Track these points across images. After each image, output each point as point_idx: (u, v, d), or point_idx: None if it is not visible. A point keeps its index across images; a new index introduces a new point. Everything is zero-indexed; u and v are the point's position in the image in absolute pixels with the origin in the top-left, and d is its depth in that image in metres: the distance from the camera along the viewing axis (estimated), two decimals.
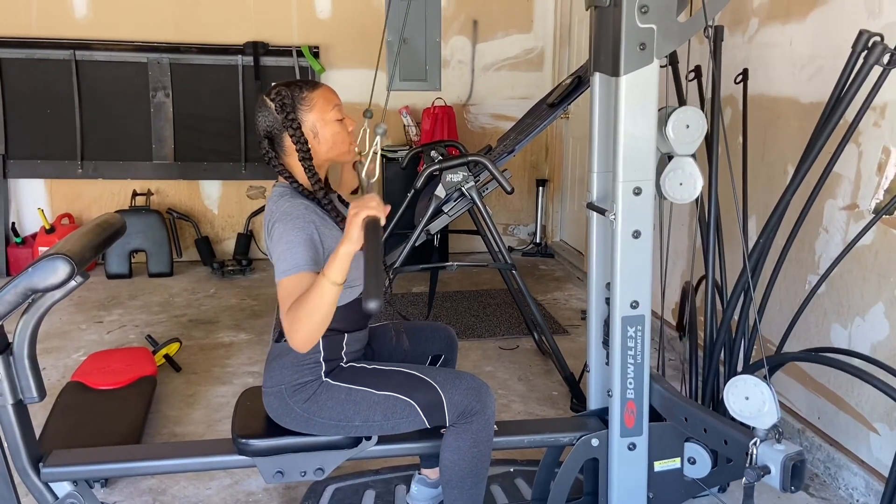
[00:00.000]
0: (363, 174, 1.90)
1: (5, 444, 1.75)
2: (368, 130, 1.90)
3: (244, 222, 5.15)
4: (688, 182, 1.81)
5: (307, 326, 1.50)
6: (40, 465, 1.76)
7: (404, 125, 5.06)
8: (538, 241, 5.50)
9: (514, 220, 5.58)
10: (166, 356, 3.26)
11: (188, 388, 3.11)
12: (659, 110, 1.76)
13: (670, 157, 1.82)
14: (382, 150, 5.10)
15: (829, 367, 2.36)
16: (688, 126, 1.78)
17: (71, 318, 3.96)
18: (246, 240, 5.11)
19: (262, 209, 5.17)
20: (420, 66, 5.38)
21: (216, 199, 5.20)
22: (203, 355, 3.47)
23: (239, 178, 5.12)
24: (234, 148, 5.04)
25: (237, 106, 5.00)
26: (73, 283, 1.62)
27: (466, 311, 4.11)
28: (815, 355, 2.13)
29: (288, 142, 1.70)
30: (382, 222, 1.49)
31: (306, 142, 1.68)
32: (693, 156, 1.82)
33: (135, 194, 4.94)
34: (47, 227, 4.68)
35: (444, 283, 4.61)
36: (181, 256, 5.08)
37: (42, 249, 4.61)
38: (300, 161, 1.69)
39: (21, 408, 1.73)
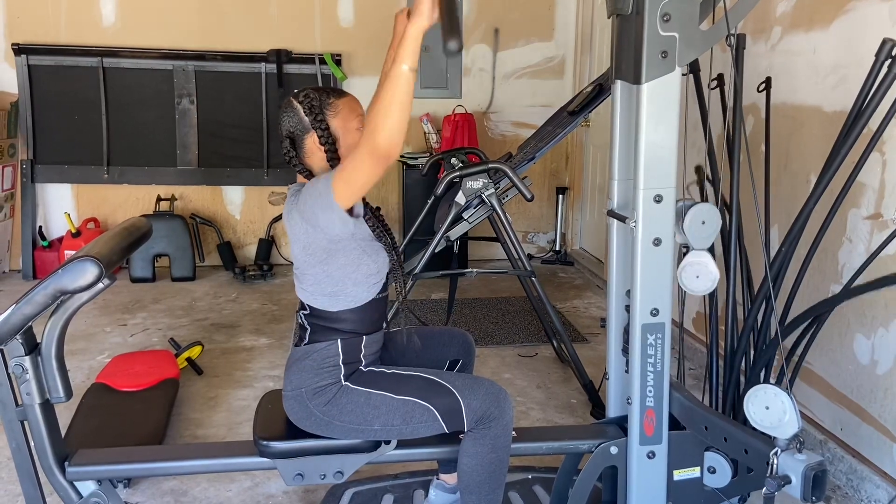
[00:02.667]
0: None
1: (32, 443, 1.78)
2: None
3: (266, 228, 5.20)
4: (704, 275, 1.82)
5: (391, 119, 1.46)
6: (66, 464, 1.79)
7: (425, 132, 5.09)
8: (558, 248, 5.50)
9: (533, 227, 5.58)
10: (188, 359, 3.30)
11: (210, 391, 3.15)
12: (677, 202, 1.78)
13: (687, 249, 1.84)
14: (402, 157, 5.13)
15: (851, 378, 2.34)
16: (703, 222, 1.79)
17: (95, 321, 4.02)
18: (267, 245, 5.16)
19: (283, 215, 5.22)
20: (441, 73, 5.42)
21: (238, 205, 5.26)
22: (224, 359, 3.51)
23: (261, 184, 5.18)
24: (257, 154, 5.10)
25: (260, 113, 5.06)
26: (100, 286, 1.65)
27: (485, 318, 4.11)
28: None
29: (309, 143, 1.73)
30: None
31: (335, 142, 1.70)
32: (710, 249, 1.84)
33: (159, 199, 5.01)
34: (73, 231, 4.76)
35: (463, 290, 4.62)
36: (204, 261, 5.14)
37: (68, 253, 4.69)
38: (328, 161, 1.71)
39: (48, 407, 1.76)
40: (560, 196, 5.44)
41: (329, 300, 1.72)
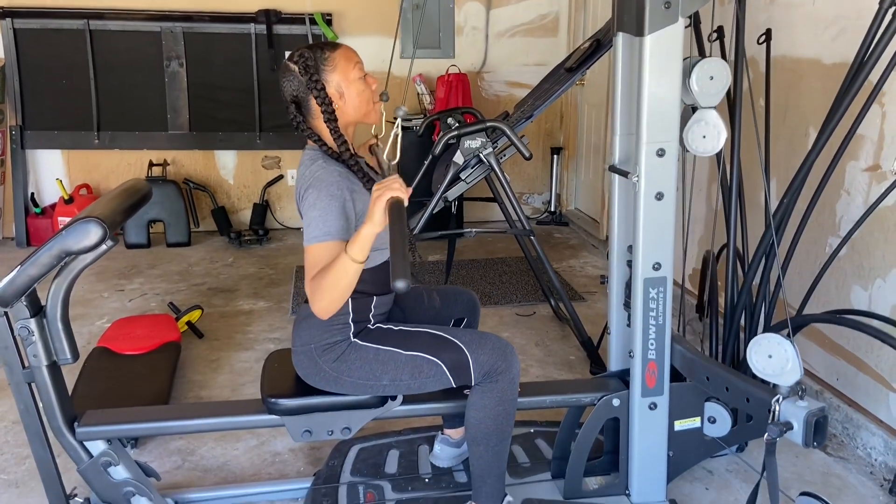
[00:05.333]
0: (384, 157, 1.91)
1: (40, 405, 1.80)
2: (384, 114, 1.89)
3: (260, 192, 5.17)
4: (711, 134, 1.80)
5: (328, 297, 1.55)
6: (75, 424, 1.81)
7: (418, 93, 5.04)
8: (553, 209, 5.50)
9: (528, 188, 5.57)
10: (189, 323, 3.31)
11: (211, 353, 3.16)
12: (684, 60, 1.75)
13: (694, 110, 1.82)
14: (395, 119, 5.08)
15: (848, 329, 2.37)
16: (712, 77, 1.77)
17: (92, 287, 4.02)
18: (262, 210, 5.14)
19: (277, 179, 5.20)
20: (434, 33, 5.34)
21: (231, 170, 5.22)
22: (224, 322, 3.52)
23: (254, 148, 5.13)
24: (249, 118, 5.04)
25: (251, 75, 4.99)
26: (104, 247, 1.65)
27: (482, 279, 4.13)
28: (837, 317, 2.14)
29: (314, 105, 1.70)
30: (405, 203, 1.50)
31: (331, 103, 1.68)
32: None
33: (151, 165, 4.96)
34: (66, 198, 4.72)
35: (459, 251, 4.63)
36: (198, 226, 5.12)
37: (62, 220, 4.66)
38: (325, 123, 1.69)
39: (55, 369, 1.77)
40: (555, 156, 5.42)
41: None
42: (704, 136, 1.80)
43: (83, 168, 5.02)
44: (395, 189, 1.50)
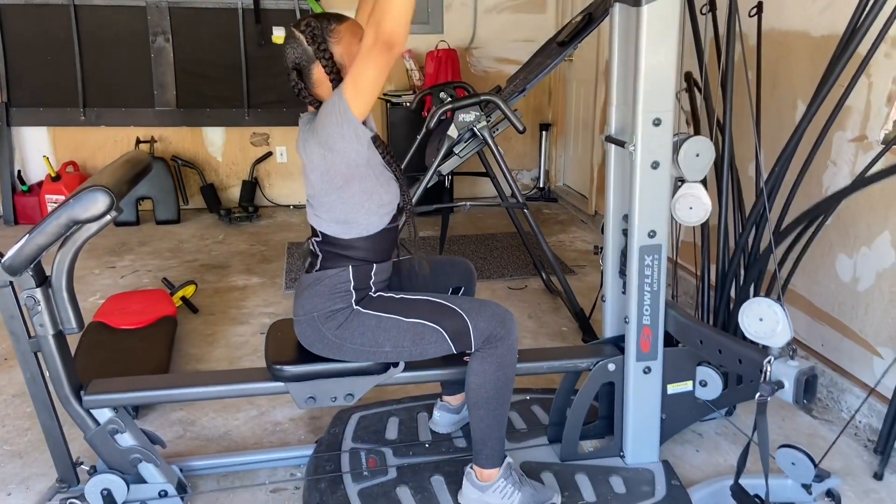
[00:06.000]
0: None
1: (47, 374, 1.82)
2: None
3: (249, 169, 5.16)
4: (697, 206, 1.86)
5: (396, 4, 1.48)
6: (81, 393, 1.83)
7: (407, 69, 5.04)
8: (542, 185, 5.54)
9: (517, 164, 5.60)
10: (183, 298, 3.32)
11: (207, 328, 3.18)
12: (674, 136, 1.81)
13: (681, 182, 1.87)
14: (385, 94, 5.08)
15: (833, 296, 2.44)
16: (697, 155, 1.83)
17: (83, 264, 4.01)
18: (251, 187, 5.13)
19: (266, 156, 5.18)
20: (422, 8, 5.32)
21: (220, 147, 5.19)
22: (218, 297, 3.54)
23: (242, 125, 5.11)
24: (237, 94, 5.02)
25: (238, 50, 4.95)
26: (109, 217, 1.66)
27: (473, 254, 4.17)
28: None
29: (317, 73, 1.72)
30: None
31: (339, 71, 1.70)
32: (703, 181, 1.88)
33: (138, 141, 4.93)
34: (53, 175, 4.69)
35: (450, 227, 4.65)
36: (187, 204, 5.11)
37: (49, 197, 4.63)
38: (333, 91, 1.71)
39: (61, 338, 1.79)
40: (543, 133, 5.45)
41: (342, 227, 1.75)
42: (691, 208, 1.86)
43: (69, 145, 4.97)
44: None
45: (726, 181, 2.21)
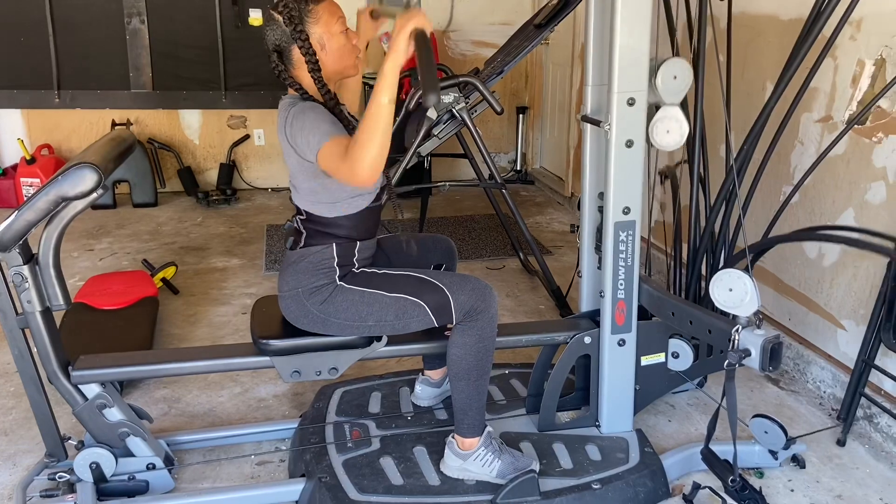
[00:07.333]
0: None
1: (34, 350, 1.84)
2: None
3: (226, 152, 5.15)
4: (674, 129, 1.91)
5: (369, 152, 1.50)
6: (69, 368, 1.86)
7: (384, 52, 5.04)
8: (518, 168, 5.60)
9: (494, 147, 5.65)
10: (164, 279, 3.34)
11: (188, 308, 3.20)
12: (650, 60, 1.85)
13: (657, 108, 1.92)
14: (364, 77, 5.08)
15: (799, 271, 2.53)
16: (675, 77, 1.87)
17: (62, 247, 3.98)
18: (229, 170, 5.12)
19: (243, 139, 5.18)
20: None
21: (196, 129, 5.17)
22: (199, 279, 3.55)
23: (219, 108, 5.09)
24: (214, 76, 5.00)
25: (215, 32, 4.93)
26: (96, 194, 1.69)
27: (452, 235, 4.22)
28: (801, 234, 2.26)
29: (297, 55, 1.75)
30: (429, 33, 1.51)
31: (314, 53, 1.72)
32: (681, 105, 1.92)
33: (114, 124, 4.89)
34: (28, 158, 4.64)
35: (429, 209, 4.70)
36: (164, 187, 5.09)
37: (24, 181, 4.59)
38: (310, 73, 1.74)
39: (48, 315, 1.81)
40: (520, 116, 5.50)
41: (325, 207, 1.79)
42: (668, 131, 1.90)
43: (44, 128, 4.92)
44: (420, 19, 1.51)
45: (698, 160, 2.28)
